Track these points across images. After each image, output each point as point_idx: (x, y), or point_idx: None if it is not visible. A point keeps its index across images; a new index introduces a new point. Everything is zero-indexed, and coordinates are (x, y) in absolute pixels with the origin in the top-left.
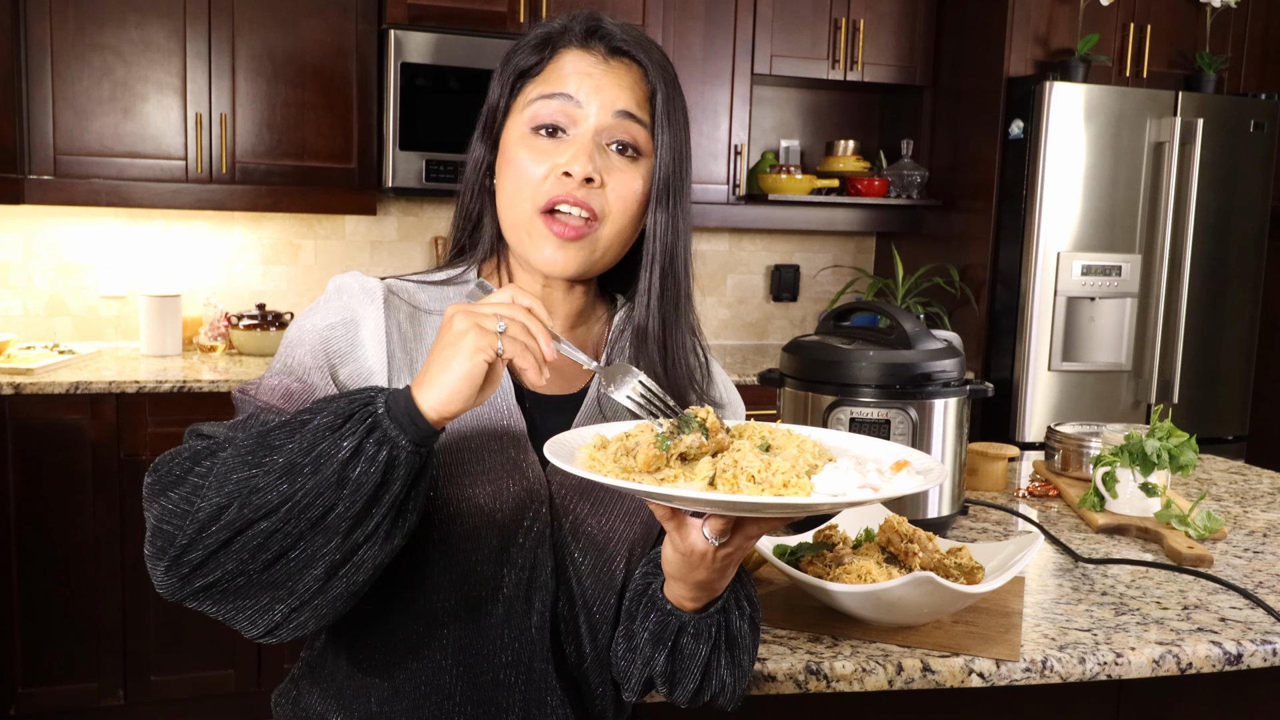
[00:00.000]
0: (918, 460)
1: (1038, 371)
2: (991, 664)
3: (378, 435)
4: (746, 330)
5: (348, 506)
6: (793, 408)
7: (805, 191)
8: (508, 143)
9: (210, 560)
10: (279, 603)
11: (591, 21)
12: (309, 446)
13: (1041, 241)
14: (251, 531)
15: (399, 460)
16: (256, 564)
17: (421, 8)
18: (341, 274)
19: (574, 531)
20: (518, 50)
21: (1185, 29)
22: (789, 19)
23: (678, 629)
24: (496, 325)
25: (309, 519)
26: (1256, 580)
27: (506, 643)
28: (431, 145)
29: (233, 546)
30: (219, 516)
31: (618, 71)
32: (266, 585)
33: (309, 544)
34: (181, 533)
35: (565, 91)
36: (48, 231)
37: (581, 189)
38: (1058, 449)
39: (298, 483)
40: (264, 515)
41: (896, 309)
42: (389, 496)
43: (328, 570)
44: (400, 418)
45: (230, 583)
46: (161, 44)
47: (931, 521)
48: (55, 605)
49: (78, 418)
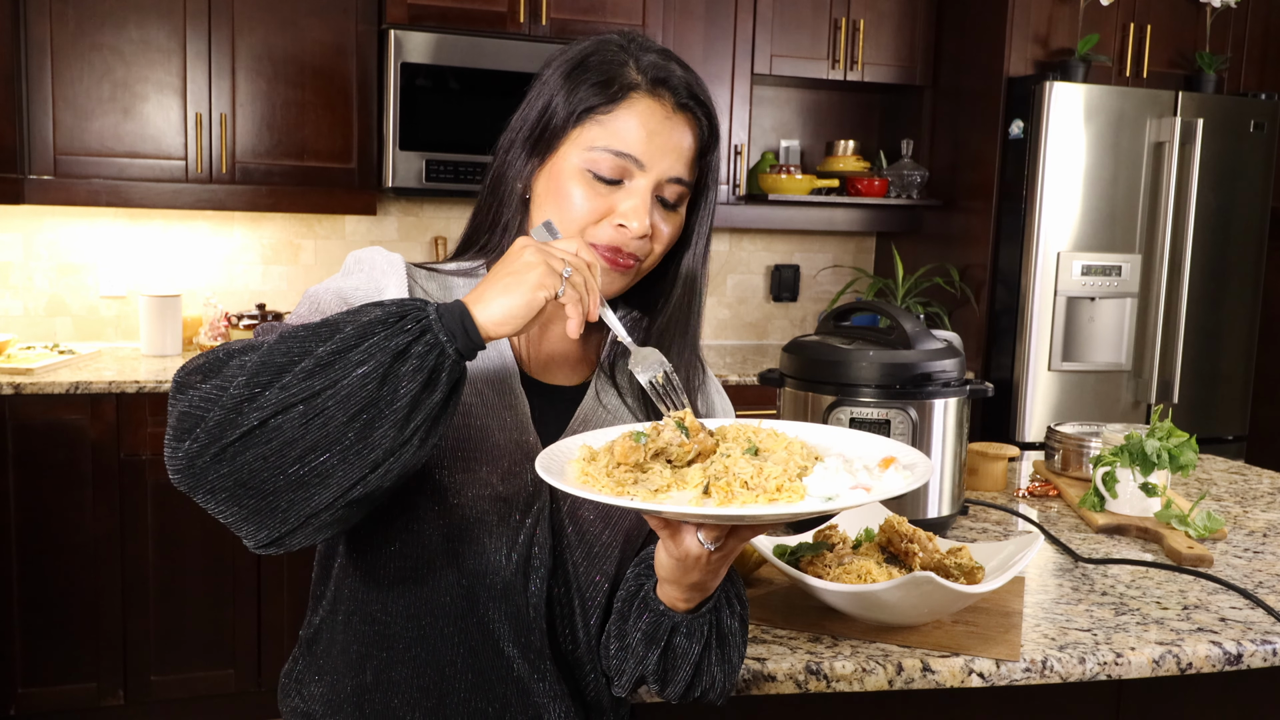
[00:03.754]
0: (903, 455)
1: (1038, 371)
2: (991, 664)
3: (429, 338)
4: (746, 330)
5: (389, 402)
6: (793, 408)
7: (805, 191)
8: (561, 169)
9: (240, 443)
10: (297, 506)
11: (662, 70)
12: (359, 337)
13: (1041, 241)
14: (288, 415)
15: (444, 366)
16: (287, 457)
17: (421, 8)
18: (360, 249)
19: (571, 514)
20: (583, 77)
21: (1185, 29)
22: (789, 19)
23: (670, 629)
24: (564, 270)
25: (349, 411)
26: (1256, 580)
27: (505, 616)
28: (432, 145)
29: (267, 428)
30: (256, 398)
31: (679, 130)
32: (289, 485)
33: (342, 438)
34: (213, 413)
35: (633, 155)
36: (48, 231)
37: (635, 242)
38: (1058, 449)
39: (343, 371)
40: (303, 399)
41: (896, 309)
42: (429, 401)
43: (356, 472)
44: (454, 326)
45: (253, 475)
46: (161, 44)
47: (931, 521)
48: (55, 605)
49: (78, 418)
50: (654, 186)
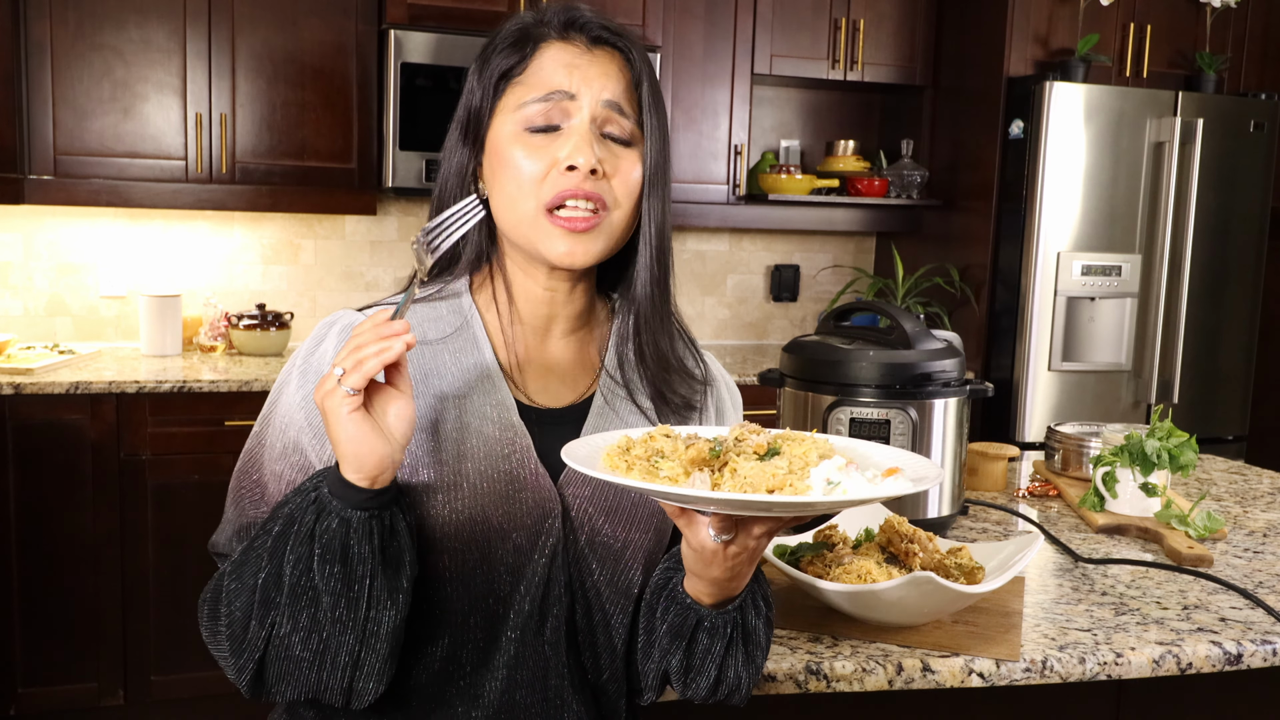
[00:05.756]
0: (911, 468)
1: (1038, 371)
2: (991, 664)
3: (325, 517)
4: (746, 330)
5: (328, 584)
6: (793, 408)
7: (805, 191)
8: (498, 143)
9: (265, 674)
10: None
11: (568, 13)
12: (278, 554)
13: (1041, 241)
14: (283, 642)
15: (351, 529)
16: (303, 664)
17: (421, 8)
18: (326, 323)
19: (591, 543)
20: (495, 49)
21: (1185, 29)
22: (789, 19)
23: (695, 623)
24: (335, 374)
25: (311, 610)
26: (1256, 580)
27: (520, 661)
28: (431, 145)
29: (270, 657)
30: (243, 651)
31: (602, 61)
32: (321, 674)
33: (325, 629)
34: (234, 668)
35: (557, 88)
36: (48, 231)
37: (588, 181)
38: (1058, 449)
39: (285, 586)
40: (283, 625)
41: (896, 309)
42: (361, 564)
43: (352, 646)
44: (341, 493)
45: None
46: (161, 44)
47: (931, 521)
48: (55, 605)
49: (78, 418)
50: (593, 119)
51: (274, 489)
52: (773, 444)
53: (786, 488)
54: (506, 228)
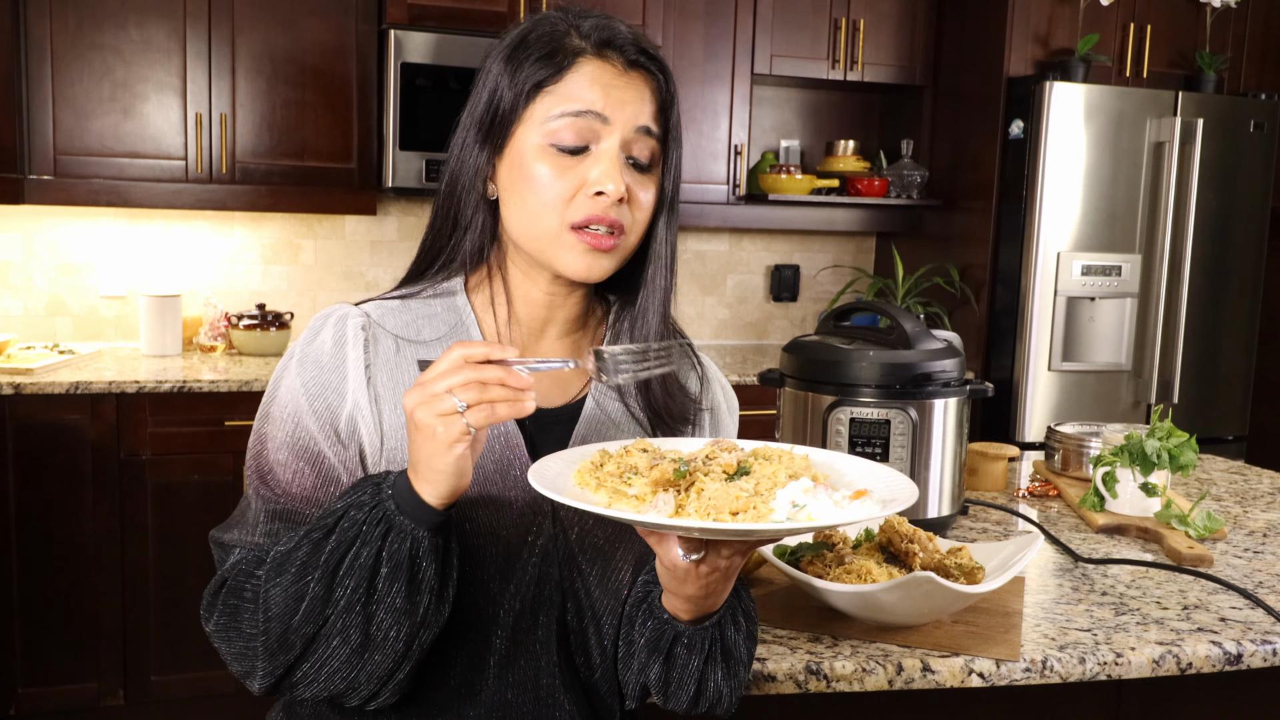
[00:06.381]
0: (885, 489)
1: (1038, 371)
2: (991, 664)
3: (395, 534)
4: (746, 330)
5: (390, 601)
6: (793, 408)
7: (805, 191)
8: (522, 153)
9: (291, 676)
10: (374, 682)
11: (606, 31)
12: (334, 566)
13: (1041, 241)
14: (330, 653)
15: (421, 550)
16: (340, 673)
17: (421, 8)
18: (322, 316)
19: (581, 543)
20: (528, 57)
21: (1185, 29)
22: (789, 19)
23: (673, 638)
24: (457, 406)
25: (365, 626)
26: (1256, 580)
27: (512, 661)
28: (431, 145)
29: (307, 663)
30: (277, 655)
31: (636, 84)
32: (354, 682)
33: (375, 643)
34: (258, 669)
35: (593, 109)
36: (48, 231)
37: (614, 208)
38: (1058, 449)
39: (342, 599)
40: (332, 636)
41: (896, 309)
42: (425, 583)
43: (394, 660)
44: (412, 512)
45: (324, 681)
46: (161, 44)
47: (931, 521)
48: (55, 605)
49: (78, 418)
50: (622, 144)
51: (282, 476)
52: (743, 462)
53: (750, 510)
54: (519, 236)
